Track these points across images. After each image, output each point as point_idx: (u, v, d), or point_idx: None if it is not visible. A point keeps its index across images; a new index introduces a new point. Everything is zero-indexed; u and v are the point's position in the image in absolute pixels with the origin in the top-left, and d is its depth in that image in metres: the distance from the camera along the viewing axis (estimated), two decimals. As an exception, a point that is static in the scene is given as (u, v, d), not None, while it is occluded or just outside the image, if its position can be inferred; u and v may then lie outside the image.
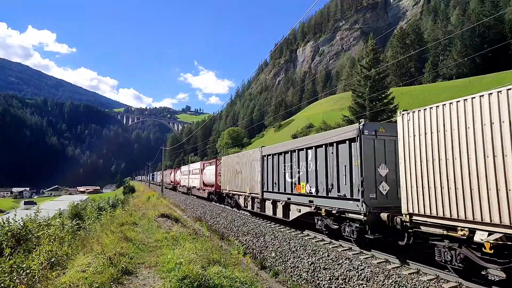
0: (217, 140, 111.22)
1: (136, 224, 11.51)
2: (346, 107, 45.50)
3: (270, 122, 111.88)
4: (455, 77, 66.32)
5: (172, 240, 8.72)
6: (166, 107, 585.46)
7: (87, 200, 46.11)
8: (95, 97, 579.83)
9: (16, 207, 70.31)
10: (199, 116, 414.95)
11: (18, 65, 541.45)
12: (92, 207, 23.71)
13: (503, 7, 65.55)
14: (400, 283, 6.52)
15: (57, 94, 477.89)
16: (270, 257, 9.94)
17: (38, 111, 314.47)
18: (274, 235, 11.75)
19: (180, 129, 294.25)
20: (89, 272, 5.38)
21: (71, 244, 8.43)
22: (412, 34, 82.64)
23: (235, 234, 13.58)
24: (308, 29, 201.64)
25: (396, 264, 7.88)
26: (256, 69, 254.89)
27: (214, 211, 20.06)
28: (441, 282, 6.64)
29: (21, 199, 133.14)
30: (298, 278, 8.09)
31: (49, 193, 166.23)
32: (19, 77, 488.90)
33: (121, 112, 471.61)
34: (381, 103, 37.82)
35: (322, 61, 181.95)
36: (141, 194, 49.10)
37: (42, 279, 5.48)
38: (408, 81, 66.10)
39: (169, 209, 17.64)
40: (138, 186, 77.97)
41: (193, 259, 6.17)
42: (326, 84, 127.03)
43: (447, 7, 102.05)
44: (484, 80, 49.91)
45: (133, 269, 6.09)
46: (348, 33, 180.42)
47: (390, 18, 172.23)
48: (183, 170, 42.27)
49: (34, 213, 13.09)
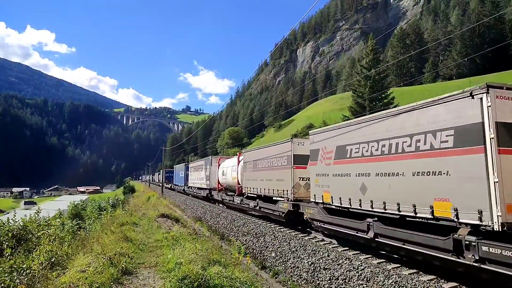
0: (217, 140, 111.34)
1: (136, 224, 11.52)
2: (346, 107, 45.53)
3: (270, 122, 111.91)
4: (455, 77, 66.40)
5: (172, 240, 8.72)
6: (166, 107, 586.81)
7: (87, 200, 46.12)
8: (95, 97, 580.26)
9: (16, 207, 70.30)
10: (199, 116, 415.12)
11: (18, 65, 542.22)
12: (92, 207, 23.72)
13: (503, 7, 65.63)
14: (400, 283, 6.52)
15: (57, 94, 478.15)
16: (270, 257, 9.94)
17: (38, 111, 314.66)
18: (274, 235, 11.75)
19: (180, 129, 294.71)
20: (89, 272, 5.38)
21: (71, 244, 8.44)
22: (412, 34, 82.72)
23: (235, 234, 13.58)
24: (308, 29, 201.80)
25: (396, 264, 7.89)
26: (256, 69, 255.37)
27: (214, 211, 20.06)
28: (441, 282, 6.65)
29: (21, 199, 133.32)
30: (298, 278, 8.09)
31: (49, 193, 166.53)
32: (19, 77, 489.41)
33: (121, 112, 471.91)
34: (381, 103, 37.86)
35: (322, 61, 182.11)
36: (141, 194, 49.16)
37: (42, 279, 5.48)
38: (408, 81, 66.14)
39: (169, 209, 17.64)
40: (138, 186, 78.00)
41: (193, 259, 6.17)
42: (326, 84, 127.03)
43: (447, 7, 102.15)
44: (484, 80, 49.83)
45: (133, 269, 6.09)
46: (348, 33, 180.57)
47: (390, 18, 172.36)
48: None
49: (35, 213, 13.09)
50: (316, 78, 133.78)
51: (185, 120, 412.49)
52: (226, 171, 21.75)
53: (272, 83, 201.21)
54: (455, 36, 64.86)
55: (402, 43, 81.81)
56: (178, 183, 43.50)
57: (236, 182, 19.42)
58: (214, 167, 24.28)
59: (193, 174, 32.40)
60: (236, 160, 20.18)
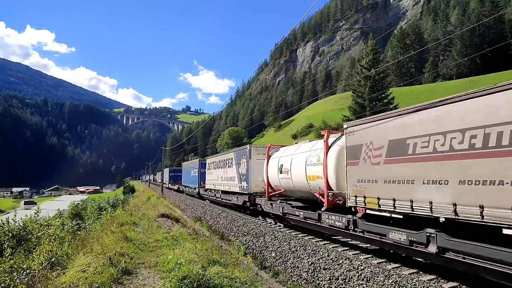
0: (217, 140, 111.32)
1: (136, 224, 11.51)
2: (346, 107, 45.52)
3: (270, 122, 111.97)
4: (455, 77, 66.41)
5: (172, 240, 8.71)
6: (166, 107, 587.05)
7: (87, 200, 46.13)
8: (95, 97, 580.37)
9: (16, 207, 70.29)
10: (199, 116, 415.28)
11: (17, 65, 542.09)
12: (92, 207, 23.73)
13: (503, 7, 65.65)
14: (400, 283, 6.52)
15: (57, 94, 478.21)
16: (270, 257, 9.95)
17: (38, 111, 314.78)
18: (274, 235, 11.75)
19: (180, 129, 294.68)
20: (89, 272, 5.38)
21: (71, 244, 8.43)
22: (412, 34, 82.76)
23: (235, 234, 13.57)
24: (308, 29, 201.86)
25: (396, 264, 7.89)
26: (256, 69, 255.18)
27: (214, 211, 20.05)
28: (441, 282, 6.64)
29: (21, 199, 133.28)
30: (298, 278, 8.09)
31: (49, 193, 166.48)
32: (19, 77, 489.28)
33: (121, 112, 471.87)
34: (381, 103, 37.87)
35: (322, 61, 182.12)
36: (141, 194, 49.16)
37: (42, 279, 5.48)
38: (408, 81, 66.17)
39: (169, 209, 17.63)
40: (138, 186, 78.00)
41: (193, 259, 6.17)
42: (326, 84, 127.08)
43: (447, 7, 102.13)
44: (484, 80, 49.94)
45: (133, 269, 6.09)
46: (348, 33, 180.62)
47: (390, 18, 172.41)
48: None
49: (35, 213, 13.10)
50: (316, 78, 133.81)
51: (185, 120, 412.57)
52: (291, 164, 12.57)
53: (272, 83, 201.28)
54: (455, 36, 64.89)
55: (402, 43, 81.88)
56: (188, 184, 36.21)
57: (324, 182, 10.16)
58: (256, 161, 16.73)
59: (214, 172, 24.28)
60: (320, 143, 11.15)
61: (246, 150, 17.64)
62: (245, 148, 17.97)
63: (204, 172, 27.96)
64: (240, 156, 18.48)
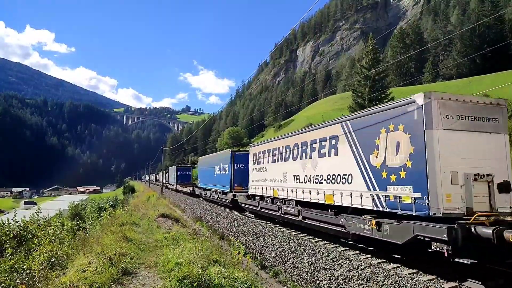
0: (217, 140, 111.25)
1: (136, 224, 11.51)
2: (346, 107, 45.51)
3: (270, 122, 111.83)
4: (455, 77, 66.33)
5: (172, 240, 8.72)
6: (166, 107, 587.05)
7: (87, 200, 46.11)
8: (95, 97, 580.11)
9: (16, 207, 70.31)
10: (199, 116, 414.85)
11: (17, 65, 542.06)
12: (92, 207, 23.72)
13: (503, 7, 65.61)
14: (400, 283, 6.53)
15: (57, 94, 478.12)
16: (270, 257, 9.95)
17: (38, 111, 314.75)
18: (274, 235, 11.75)
19: (180, 129, 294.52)
20: (89, 272, 5.38)
21: (71, 244, 8.43)
22: (412, 34, 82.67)
23: (235, 234, 13.58)
24: (308, 29, 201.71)
25: (396, 264, 7.89)
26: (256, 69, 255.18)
27: (214, 211, 20.05)
28: (441, 282, 6.64)
29: (21, 199, 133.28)
30: (298, 278, 8.10)
31: (49, 193, 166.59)
32: (19, 77, 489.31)
33: (121, 112, 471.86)
34: (381, 103, 37.85)
35: (322, 61, 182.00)
36: (141, 194, 49.15)
37: (42, 279, 5.48)
38: (408, 81, 66.12)
39: (169, 209, 17.64)
40: (138, 186, 78.02)
41: (193, 259, 6.18)
42: (326, 84, 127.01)
43: (447, 7, 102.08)
44: (484, 80, 49.90)
45: (133, 269, 6.09)
46: (348, 33, 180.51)
47: (390, 18, 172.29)
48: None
49: (35, 213, 13.10)
50: (316, 78, 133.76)
51: (185, 120, 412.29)
52: None
53: (272, 83, 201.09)
54: (455, 36, 64.84)
55: (402, 43, 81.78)
56: (209, 185, 26.40)
57: None
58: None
59: (273, 168, 14.40)
60: None
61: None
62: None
63: (242, 169, 19.47)
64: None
